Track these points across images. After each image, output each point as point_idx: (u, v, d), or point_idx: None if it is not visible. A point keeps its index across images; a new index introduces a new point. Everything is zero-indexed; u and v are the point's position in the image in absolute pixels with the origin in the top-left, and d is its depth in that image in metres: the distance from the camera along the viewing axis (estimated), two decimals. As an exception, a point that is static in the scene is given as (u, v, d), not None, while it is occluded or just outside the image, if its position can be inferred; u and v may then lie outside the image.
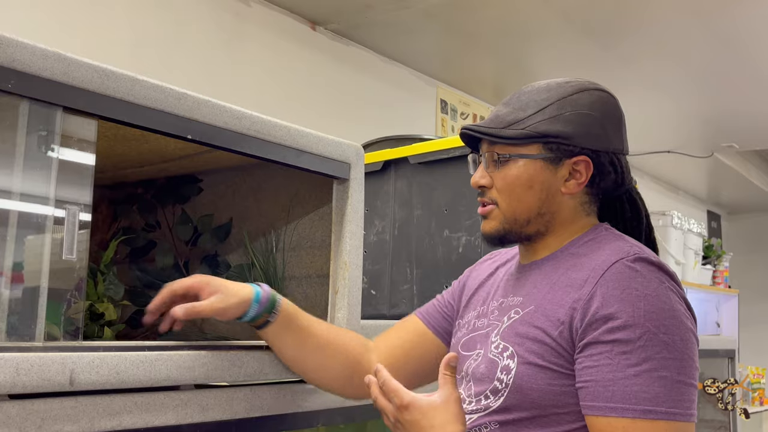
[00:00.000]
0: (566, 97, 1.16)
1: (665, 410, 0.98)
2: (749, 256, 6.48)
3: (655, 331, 1.00)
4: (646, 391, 0.99)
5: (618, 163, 1.18)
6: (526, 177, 1.16)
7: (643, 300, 1.02)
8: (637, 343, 1.00)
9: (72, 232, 1.04)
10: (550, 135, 1.14)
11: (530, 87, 1.21)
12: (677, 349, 1.01)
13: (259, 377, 1.27)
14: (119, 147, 1.42)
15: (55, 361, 0.97)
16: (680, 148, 5.11)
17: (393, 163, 2.19)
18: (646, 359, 0.99)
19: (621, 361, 1.00)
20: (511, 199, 1.17)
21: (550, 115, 1.15)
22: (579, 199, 1.18)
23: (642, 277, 1.04)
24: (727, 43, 3.40)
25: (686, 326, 1.03)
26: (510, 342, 1.11)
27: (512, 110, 1.18)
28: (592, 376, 1.02)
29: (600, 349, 1.02)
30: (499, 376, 1.10)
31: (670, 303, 1.03)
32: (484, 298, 1.27)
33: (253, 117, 1.30)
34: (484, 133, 1.18)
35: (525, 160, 1.16)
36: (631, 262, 1.06)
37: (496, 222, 1.19)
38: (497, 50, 3.58)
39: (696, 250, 4.09)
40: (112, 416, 1.03)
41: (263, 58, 2.94)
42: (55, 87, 1.01)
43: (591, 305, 1.04)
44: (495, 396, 1.10)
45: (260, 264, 1.62)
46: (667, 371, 0.99)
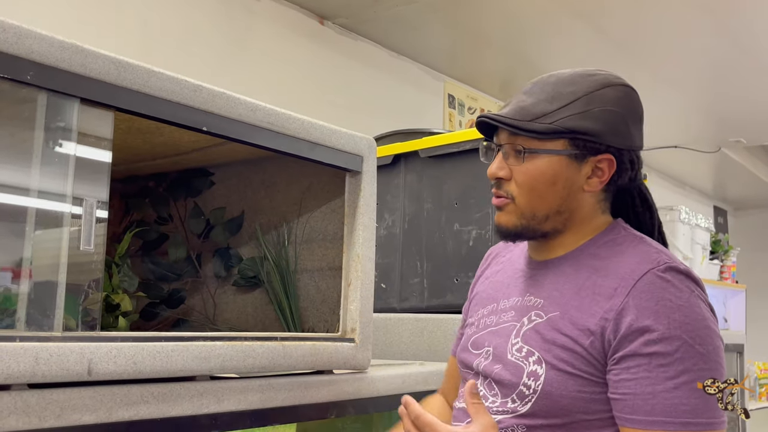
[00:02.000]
0: (594, 92, 1.12)
1: (703, 421, 0.99)
2: (755, 252, 6.47)
3: (691, 343, 1.00)
4: (686, 404, 0.99)
5: (636, 160, 1.17)
6: (550, 173, 1.11)
7: (677, 311, 1.01)
8: (675, 356, 1.00)
9: (89, 223, 1.04)
10: (578, 131, 1.10)
11: (553, 78, 1.16)
12: (711, 359, 1.01)
13: (272, 368, 1.28)
14: (133, 140, 1.43)
15: (73, 351, 0.98)
16: (687, 144, 5.10)
17: (403, 157, 2.19)
18: (684, 371, 1.00)
19: (659, 374, 1.00)
20: (531, 195, 1.12)
21: (578, 110, 1.10)
22: (597, 197, 1.16)
23: (674, 288, 1.03)
24: (735, 38, 3.39)
25: (716, 333, 1.04)
26: (535, 347, 1.09)
27: (537, 102, 1.12)
28: (631, 389, 1.01)
29: (638, 362, 1.01)
30: (526, 381, 1.08)
31: (701, 312, 1.03)
32: (492, 295, 1.25)
33: (267, 109, 1.30)
34: (509, 124, 1.12)
35: (550, 155, 1.11)
36: (663, 272, 1.04)
37: (513, 216, 1.14)
38: (505, 45, 3.57)
39: (703, 245, 4.08)
40: (129, 406, 1.04)
41: (272, 52, 2.94)
42: (72, 78, 1.02)
43: (624, 317, 1.02)
44: (522, 401, 1.08)
45: (272, 257, 1.63)
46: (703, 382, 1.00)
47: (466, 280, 2.03)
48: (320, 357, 1.36)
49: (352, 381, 1.42)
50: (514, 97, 1.18)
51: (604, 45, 3.51)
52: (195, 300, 1.72)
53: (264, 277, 1.63)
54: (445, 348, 1.92)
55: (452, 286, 2.05)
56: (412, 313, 2.08)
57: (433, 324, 1.98)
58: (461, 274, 2.04)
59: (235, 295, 1.69)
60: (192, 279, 1.72)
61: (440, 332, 1.96)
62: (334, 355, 1.39)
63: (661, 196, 5.59)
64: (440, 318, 1.98)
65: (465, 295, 1.43)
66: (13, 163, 1.03)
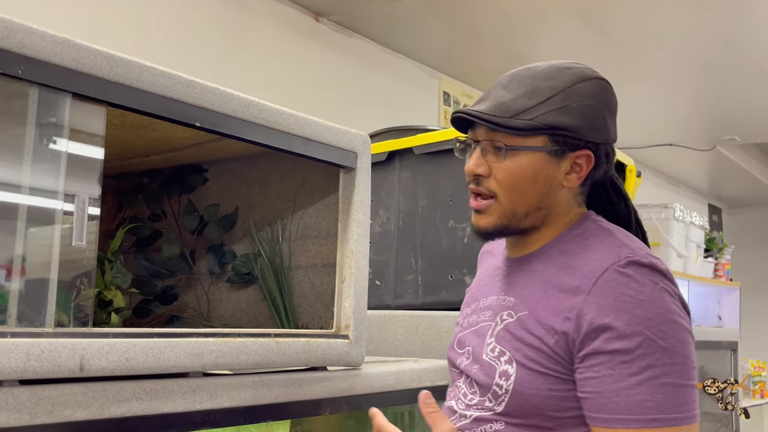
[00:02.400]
0: (571, 87, 1.11)
1: (671, 416, 0.98)
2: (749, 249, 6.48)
3: (653, 338, 0.99)
4: (650, 400, 0.97)
5: (611, 153, 1.16)
6: (531, 170, 1.10)
7: (638, 307, 1.00)
8: (637, 352, 0.98)
9: (81, 219, 1.04)
10: (558, 127, 1.09)
11: (530, 71, 1.15)
12: (676, 353, 0.99)
13: (266, 365, 1.27)
14: (126, 135, 1.42)
15: (65, 347, 0.97)
16: (682, 141, 5.11)
17: (397, 154, 2.19)
18: (647, 367, 0.98)
19: (622, 371, 0.99)
20: (512, 192, 1.11)
21: (557, 106, 1.09)
22: (574, 192, 1.16)
23: (635, 282, 1.01)
24: (730, 36, 3.39)
25: (682, 327, 1.02)
26: (506, 347, 1.09)
27: (516, 97, 1.11)
28: (595, 388, 1.01)
29: (600, 360, 1.00)
30: (498, 381, 1.08)
31: (665, 306, 1.01)
32: (475, 294, 1.26)
33: (261, 105, 1.30)
34: (490, 121, 1.10)
35: (531, 152, 1.10)
36: (623, 267, 1.03)
37: (493, 217, 1.13)
38: (500, 43, 3.57)
39: (698, 243, 4.08)
40: (121, 402, 1.04)
41: (267, 49, 2.94)
42: (64, 73, 1.01)
43: (585, 315, 1.02)
44: (496, 400, 1.09)
45: (266, 253, 1.62)
46: (668, 377, 0.98)
47: (461, 277, 2.03)
48: (314, 354, 1.36)
49: (346, 378, 1.42)
50: (490, 91, 1.16)
51: (599, 43, 3.51)
52: (188, 297, 1.72)
53: (258, 273, 1.63)
54: (439, 345, 1.92)
55: (447, 283, 2.05)
56: (407, 310, 2.08)
57: (428, 321, 1.98)
58: (456, 271, 2.04)
59: (229, 292, 1.69)
60: (185, 276, 1.72)
61: (434, 329, 1.96)
62: (328, 352, 1.39)
63: (656, 193, 5.60)
64: (435, 315, 1.98)
65: (459, 292, 1.44)
66: (4, 158, 1.03)
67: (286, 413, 1.33)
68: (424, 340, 1.97)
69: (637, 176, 2.12)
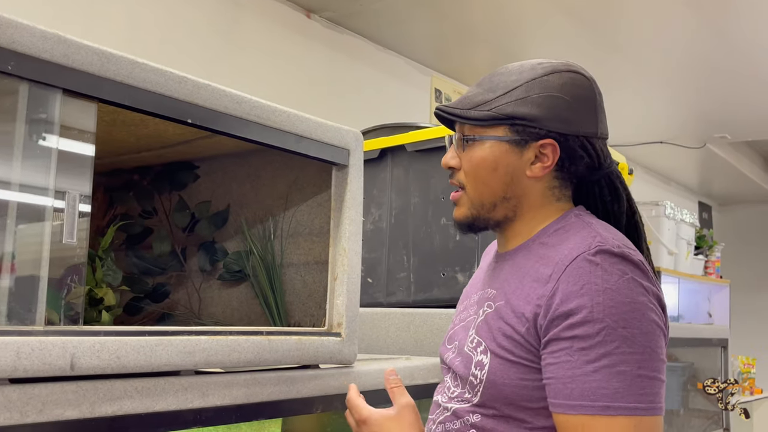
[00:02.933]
0: (536, 79, 1.12)
1: (625, 405, 0.96)
2: (739, 247, 6.51)
3: (614, 326, 0.98)
4: (605, 387, 0.97)
5: (591, 147, 1.14)
6: (491, 159, 1.13)
7: (602, 294, 0.99)
8: (596, 339, 0.98)
9: (72, 216, 1.03)
10: (516, 117, 1.11)
11: (504, 68, 1.18)
12: (637, 342, 0.98)
13: (258, 363, 1.27)
14: (117, 132, 1.41)
15: (55, 345, 0.97)
16: (673, 139, 5.12)
17: (390, 151, 2.19)
18: (605, 355, 0.97)
19: (580, 358, 0.98)
20: (476, 182, 1.15)
21: (517, 96, 1.12)
22: (547, 183, 1.15)
23: (602, 270, 1.01)
24: (721, 35, 3.40)
25: (649, 318, 1.00)
26: (483, 337, 1.10)
27: (482, 91, 1.16)
28: (553, 373, 1.01)
29: (560, 346, 1.00)
30: (473, 371, 1.09)
31: (631, 296, 1.00)
32: (468, 291, 1.28)
33: (253, 102, 1.29)
34: (450, 113, 1.16)
35: (491, 141, 1.13)
36: (592, 255, 1.02)
37: (464, 208, 1.17)
38: (492, 40, 3.57)
39: (688, 240, 4.10)
40: (112, 401, 1.03)
41: (258, 45, 2.92)
42: (55, 69, 1.00)
43: (553, 302, 1.02)
44: (473, 391, 1.10)
45: (258, 251, 1.62)
46: (626, 366, 0.97)
47: (453, 274, 2.02)
48: (306, 351, 1.35)
49: (338, 375, 1.42)
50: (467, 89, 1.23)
51: (590, 41, 3.52)
52: (180, 294, 1.71)
53: (249, 271, 1.62)
54: (431, 342, 1.92)
55: (439, 281, 2.05)
56: (399, 307, 2.07)
57: (420, 318, 1.98)
58: (448, 269, 2.04)
59: (221, 290, 1.68)
60: (177, 273, 1.71)
61: (427, 327, 1.95)
62: (320, 350, 1.39)
63: (647, 191, 5.62)
64: (427, 312, 1.97)
65: (452, 289, 1.44)
66: (-6, 154, 1.02)
67: (278, 411, 1.33)
68: (416, 338, 1.96)
69: (629, 174, 2.12)
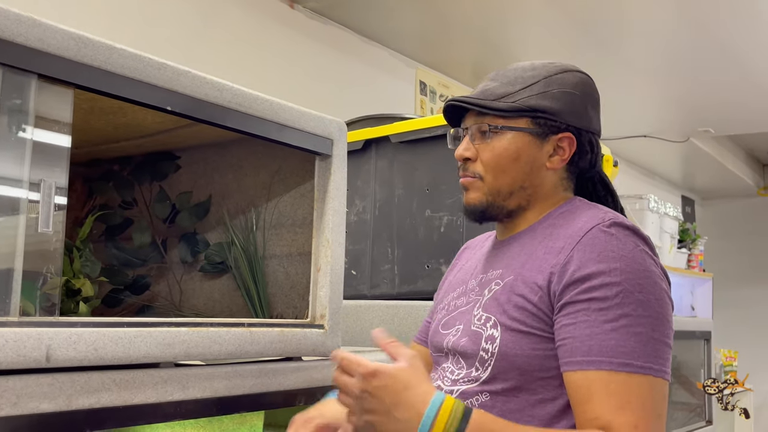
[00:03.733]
0: (553, 76, 1.19)
1: (641, 364, 1.00)
2: (721, 241, 6.55)
3: (630, 290, 1.02)
4: (624, 345, 1.00)
5: (595, 144, 1.23)
6: (513, 149, 1.17)
7: (619, 261, 1.04)
8: (614, 300, 1.02)
9: (48, 204, 1.01)
10: (539, 110, 1.17)
11: (514, 66, 1.24)
12: (652, 307, 1.03)
13: (239, 355, 1.25)
14: (95, 121, 1.39)
15: (30, 337, 0.94)
16: (657, 133, 5.13)
17: (374, 142, 2.17)
18: (623, 315, 1.01)
19: (598, 317, 1.02)
20: (496, 171, 1.18)
21: (538, 91, 1.18)
22: (559, 175, 1.21)
23: (617, 240, 1.06)
24: (704, 29, 3.41)
25: (661, 287, 1.06)
26: (493, 312, 1.12)
27: (500, 84, 1.20)
28: (570, 333, 1.03)
29: (577, 308, 1.03)
30: (484, 346, 1.11)
31: (645, 264, 1.05)
32: (462, 279, 1.29)
33: (235, 89, 1.27)
34: (474, 104, 1.19)
35: (514, 132, 1.17)
36: (607, 227, 1.08)
37: (479, 193, 1.19)
38: (477, 33, 3.55)
39: (672, 234, 4.11)
40: (90, 394, 1.01)
41: (240, 35, 2.89)
42: (29, 53, 0.98)
43: (568, 269, 1.06)
44: (483, 367, 1.11)
45: (240, 242, 1.59)
46: (642, 327, 1.01)
47: (437, 266, 2.01)
48: (288, 344, 1.34)
49: (321, 368, 1.40)
50: (479, 85, 1.25)
51: (575, 34, 3.51)
52: (160, 286, 1.69)
53: (231, 262, 1.60)
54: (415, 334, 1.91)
55: (423, 273, 2.03)
56: (383, 299, 2.06)
57: (404, 311, 1.96)
58: (432, 261, 2.02)
59: (202, 281, 1.66)
60: (157, 265, 1.68)
61: (411, 319, 1.94)
62: (303, 342, 1.37)
63: (631, 185, 5.63)
64: (411, 305, 1.96)
65: (436, 281, 1.43)
66: (-34, 141, 0.99)
67: (260, 404, 1.31)
68: (400, 330, 1.95)
69: (613, 166, 2.12)
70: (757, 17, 3.28)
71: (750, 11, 3.21)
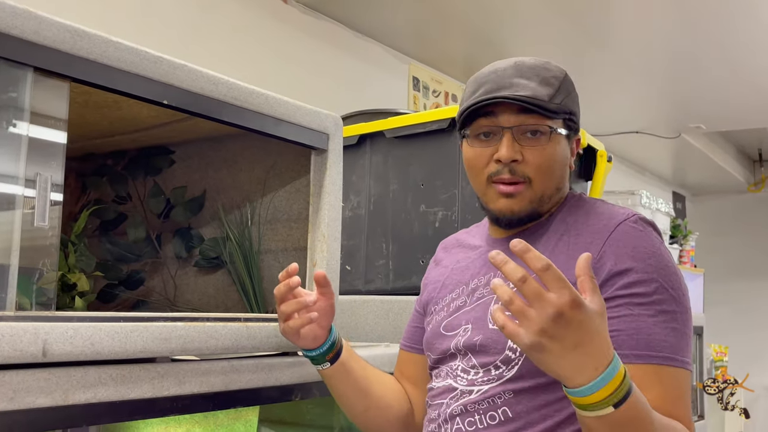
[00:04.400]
0: (565, 77, 1.20)
1: (681, 359, 1.04)
2: (712, 236, 6.57)
3: (666, 286, 1.06)
4: (666, 340, 1.03)
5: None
6: (562, 152, 1.18)
7: (652, 257, 1.07)
8: (653, 297, 1.05)
9: (44, 197, 1.00)
10: (572, 113, 1.18)
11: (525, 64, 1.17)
12: (682, 303, 1.07)
13: (235, 350, 1.25)
14: (90, 115, 1.38)
15: (27, 331, 0.94)
16: (648, 129, 5.14)
17: (369, 138, 2.17)
18: (662, 312, 1.04)
19: (641, 312, 1.04)
20: (545, 175, 1.15)
21: (567, 93, 1.18)
22: (568, 174, 1.23)
23: (646, 236, 1.10)
24: (696, 25, 3.41)
25: (684, 284, 1.10)
26: None
27: (538, 85, 1.15)
28: (615, 326, 1.03)
29: (619, 302, 1.05)
30: (511, 345, 1.09)
31: (671, 261, 1.09)
32: (460, 279, 1.26)
33: (230, 83, 1.26)
34: (533, 104, 1.12)
35: (557, 134, 1.16)
36: (634, 222, 1.11)
37: (526, 201, 1.16)
38: (470, 28, 3.55)
39: (664, 230, 4.13)
40: (86, 388, 1.00)
41: (234, 30, 2.88)
42: (25, 46, 0.97)
43: (604, 264, 1.07)
44: (507, 366, 1.10)
45: (235, 237, 1.59)
46: (677, 323, 1.05)
47: (432, 261, 2.01)
48: (285, 338, 1.33)
49: (317, 363, 1.39)
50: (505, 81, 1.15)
51: (568, 30, 3.51)
52: (155, 281, 1.68)
53: (227, 257, 1.60)
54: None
55: (418, 268, 2.03)
56: (378, 294, 2.06)
57: (399, 306, 1.96)
58: (427, 256, 2.02)
59: (197, 277, 1.65)
60: (152, 260, 1.68)
61: (406, 314, 1.94)
62: (299, 337, 1.36)
63: (622, 181, 5.64)
64: (406, 300, 1.96)
65: (431, 276, 1.41)
66: (-39, 134, 0.98)
67: (256, 399, 1.31)
68: (395, 325, 1.95)
69: (608, 161, 2.12)
70: (749, 14, 3.29)
71: (742, 8, 3.22)
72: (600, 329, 0.87)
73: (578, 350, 0.86)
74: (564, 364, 0.87)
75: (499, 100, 1.13)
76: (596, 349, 0.87)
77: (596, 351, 0.87)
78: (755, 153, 6.60)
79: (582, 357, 0.86)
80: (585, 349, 0.86)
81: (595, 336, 0.87)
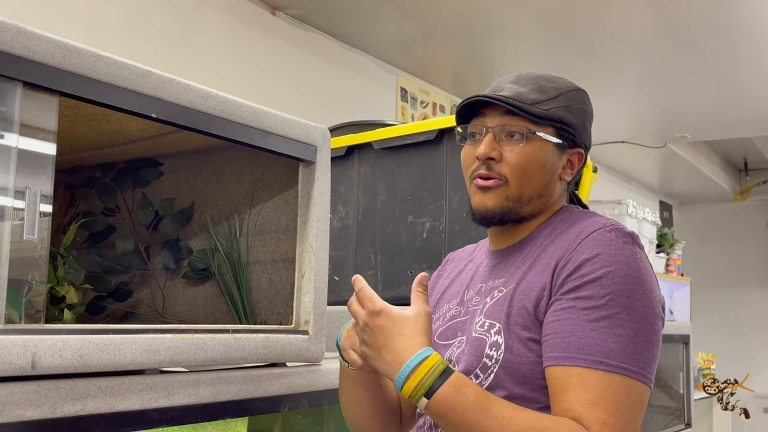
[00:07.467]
0: (571, 92, 1.22)
1: (617, 364, 1.01)
2: (699, 245, 6.62)
3: (618, 294, 1.04)
4: (601, 345, 1.02)
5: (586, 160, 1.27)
6: (542, 156, 1.18)
7: (613, 264, 1.06)
8: (599, 302, 1.04)
9: (33, 211, 1.01)
10: (565, 122, 1.19)
11: (530, 75, 1.23)
12: (637, 313, 1.04)
13: (224, 362, 1.25)
14: (79, 128, 1.39)
15: (16, 344, 0.94)
16: (634, 139, 5.18)
17: (357, 149, 2.18)
18: (606, 317, 1.03)
19: (581, 316, 1.04)
20: (522, 176, 1.17)
21: (563, 104, 1.20)
22: (564, 187, 1.25)
23: (615, 245, 1.08)
24: (681, 35, 3.45)
25: (651, 296, 1.07)
26: (496, 319, 1.12)
27: (530, 90, 1.20)
28: (552, 330, 1.05)
29: (563, 305, 1.06)
30: (488, 352, 1.11)
31: (639, 273, 1.07)
32: (457, 290, 1.29)
33: (219, 96, 1.27)
34: (511, 104, 1.17)
35: (542, 140, 1.18)
36: (608, 231, 1.10)
37: (500, 198, 1.18)
38: (457, 39, 3.57)
39: (650, 239, 4.15)
40: (75, 401, 1.01)
41: (222, 42, 2.89)
42: (14, 61, 0.98)
43: (565, 266, 1.08)
44: (485, 374, 1.11)
45: (223, 249, 1.60)
46: (623, 330, 1.03)
47: (420, 272, 2.02)
48: (273, 349, 1.34)
49: (305, 374, 1.40)
50: (500, 86, 1.23)
51: (555, 42, 3.54)
52: (143, 293, 1.68)
53: (215, 269, 1.60)
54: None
55: (406, 278, 2.04)
56: (366, 305, 2.06)
57: (387, 316, 1.97)
58: (415, 267, 2.03)
59: (185, 288, 1.66)
60: (140, 271, 1.68)
61: (394, 324, 1.95)
62: (287, 348, 1.37)
63: (609, 190, 5.68)
64: (394, 310, 1.97)
65: (419, 286, 1.42)
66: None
67: (245, 410, 1.31)
68: (383, 336, 1.95)
69: (593, 172, 2.14)
70: (734, 25, 3.33)
71: (727, 20, 3.26)
72: (406, 331, 1.04)
73: (385, 350, 1.04)
74: (379, 364, 1.05)
75: (487, 100, 1.19)
76: (400, 348, 1.03)
77: (400, 349, 1.03)
78: (741, 162, 6.66)
79: (389, 356, 1.03)
80: (389, 349, 1.04)
81: (397, 336, 1.04)
